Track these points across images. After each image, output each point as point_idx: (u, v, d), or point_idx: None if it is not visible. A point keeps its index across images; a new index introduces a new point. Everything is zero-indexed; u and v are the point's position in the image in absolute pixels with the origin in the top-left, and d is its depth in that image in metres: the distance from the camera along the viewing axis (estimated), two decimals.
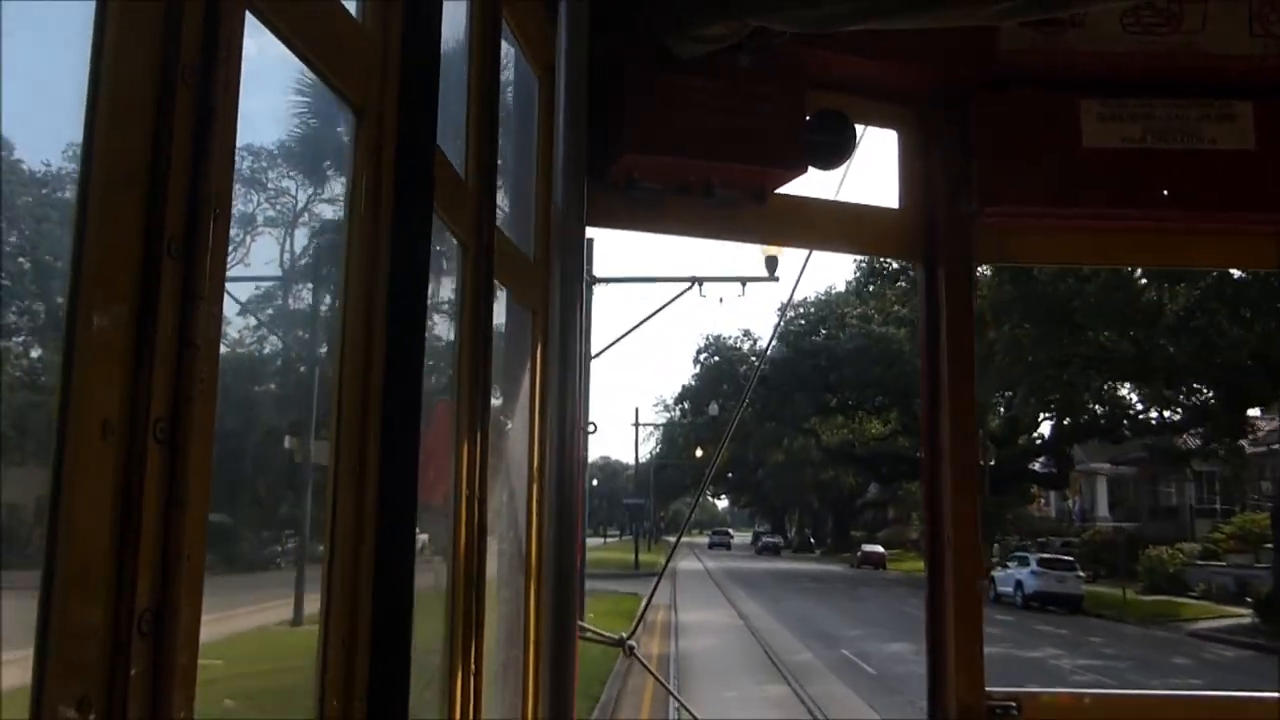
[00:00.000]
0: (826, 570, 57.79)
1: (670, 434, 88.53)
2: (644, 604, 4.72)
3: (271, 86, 1.65)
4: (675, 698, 12.62)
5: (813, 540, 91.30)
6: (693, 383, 75.27)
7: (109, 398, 0.88)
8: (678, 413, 78.77)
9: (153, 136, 0.97)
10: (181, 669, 0.92)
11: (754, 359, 65.97)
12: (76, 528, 0.84)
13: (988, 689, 2.95)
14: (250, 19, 1.15)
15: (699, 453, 65.16)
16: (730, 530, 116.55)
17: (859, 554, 61.69)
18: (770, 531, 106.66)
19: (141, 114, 0.97)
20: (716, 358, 72.25)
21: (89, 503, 0.85)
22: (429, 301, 1.61)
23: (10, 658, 0.84)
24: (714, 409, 60.43)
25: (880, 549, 62.08)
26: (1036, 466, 54.50)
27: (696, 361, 74.65)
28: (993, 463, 46.65)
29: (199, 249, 0.99)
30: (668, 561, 4.63)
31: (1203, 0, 2.93)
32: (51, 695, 0.82)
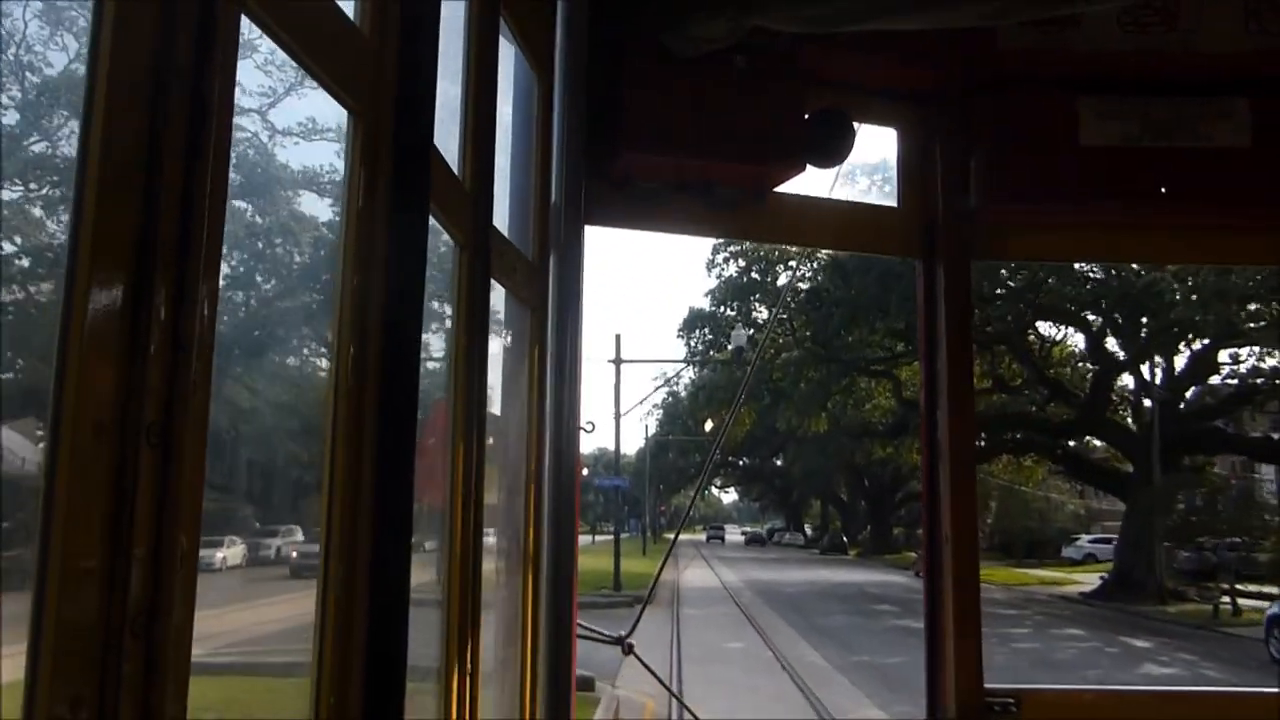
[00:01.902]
0: (888, 582, 41.73)
1: (673, 410, 69.17)
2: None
3: None
4: (677, 699, 12.64)
5: (845, 539, 76.55)
6: (707, 305, 46.22)
7: (102, 399, 0.89)
8: (685, 345, 47.98)
9: (147, 137, 0.97)
10: (174, 670, 0.92)
11: (801, 260, 36.58)
12: (69, 529, 0.85)
13: (987, 685, 2.95)
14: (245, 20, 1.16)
15: (709, 425, 47.41)
16: (723, 526, 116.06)
17: None
18: (785, 528, 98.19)
19: (136, 114, 0.97)
20: (743, 261, 44.14)
21: (82, 505, 0.86)
22: (425, 301, 1.61)
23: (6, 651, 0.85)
24: (740, 337, 36.93)
25: None
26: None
27: (712, 267, 45.98)
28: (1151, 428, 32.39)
29: (192, 251, 0.99)
30: (657, 577, 3.96)
31: None
32: (44, 695, 0.82)
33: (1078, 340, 37.68)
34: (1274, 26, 2.92)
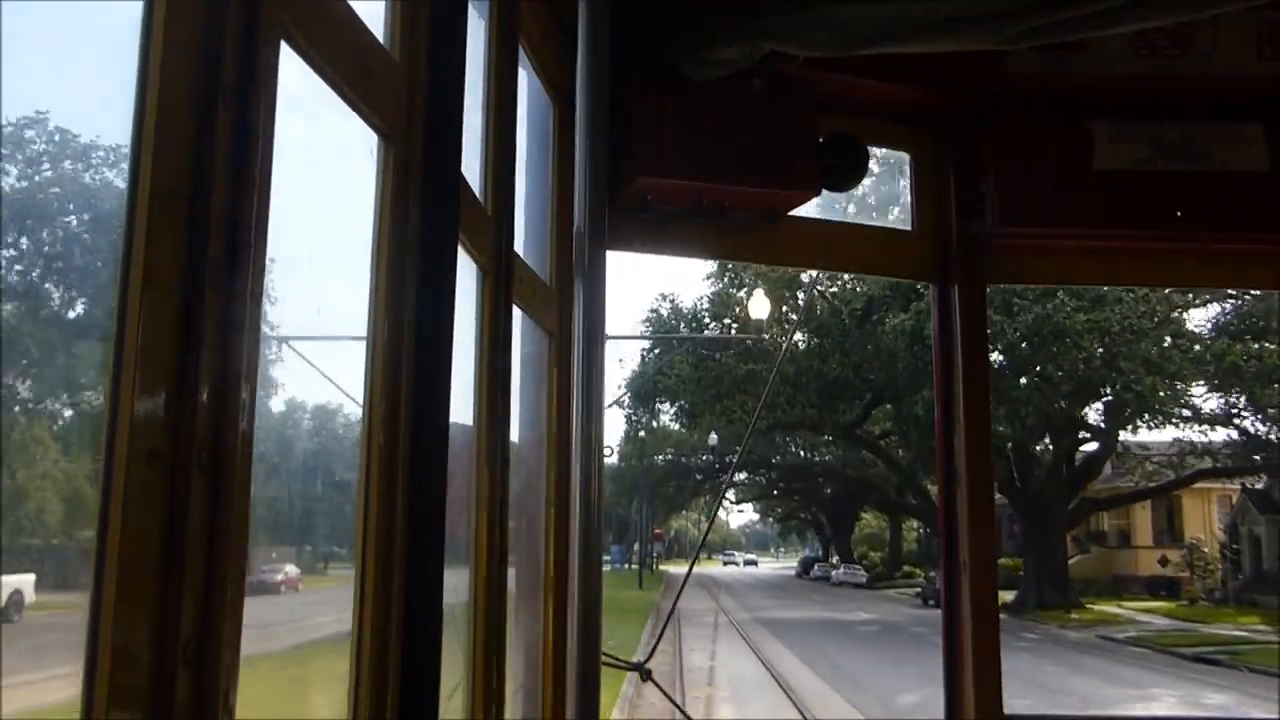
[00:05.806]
0: None
1: (662, 323, 40.51)
2: None
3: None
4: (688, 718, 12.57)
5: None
6: None
7: (154, 426, 0.88)
8: None
9: (194, 163, 0.98)
10: (224, 696, 0.91)
11: None
12: (123, 556, 0.84)
13: (1006, 713, 2.93)
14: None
15: (762, 309, 28.35)
16: (735, 553, 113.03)
17: None
18: (821, 558, 76.65)
19: (183, 140, 0.97)
20: None
21: (135, 531, 0.85)
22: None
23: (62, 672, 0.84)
24: None
25: None
26: None
27: None
28: None
29: (240, 275, 0.99)
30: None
31: (1211, 23, 2.94)
32: None
33: None
34: None
